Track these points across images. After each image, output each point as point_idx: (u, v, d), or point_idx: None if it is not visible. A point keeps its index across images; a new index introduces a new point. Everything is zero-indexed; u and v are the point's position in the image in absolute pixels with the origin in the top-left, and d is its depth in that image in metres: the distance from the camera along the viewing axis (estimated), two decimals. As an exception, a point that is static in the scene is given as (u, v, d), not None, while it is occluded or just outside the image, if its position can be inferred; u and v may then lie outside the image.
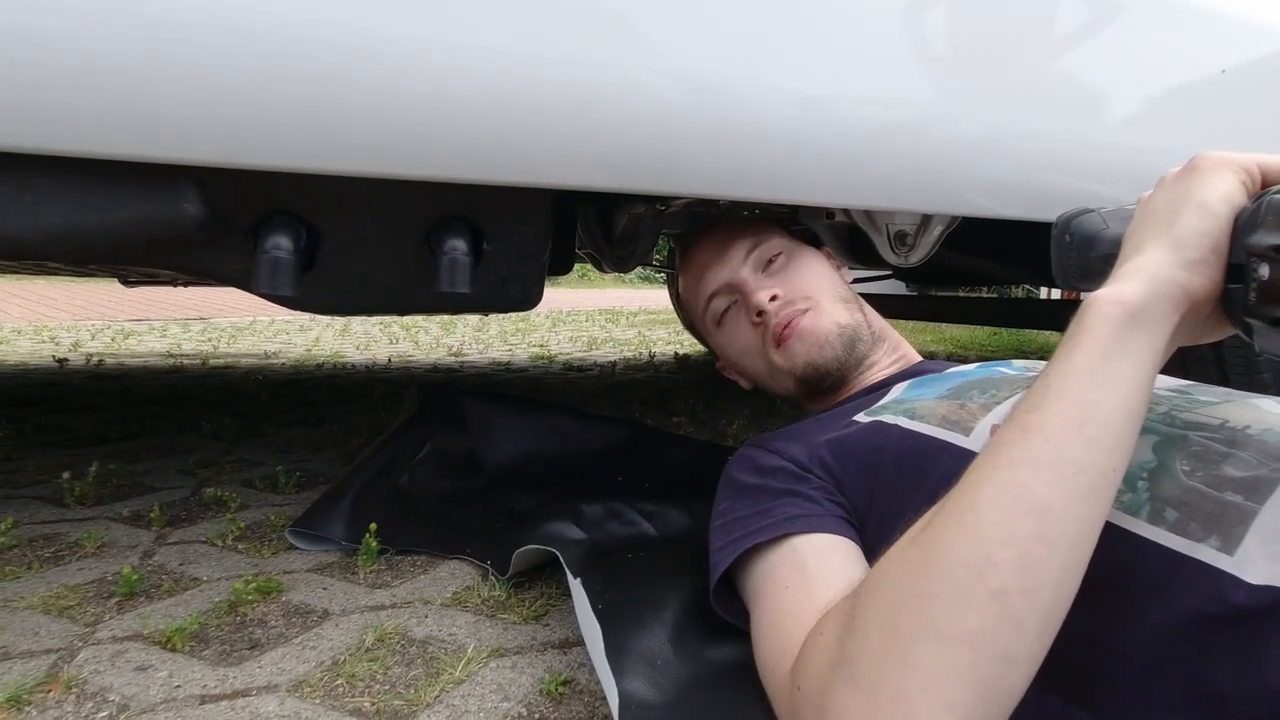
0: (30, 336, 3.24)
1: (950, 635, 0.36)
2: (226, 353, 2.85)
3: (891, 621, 0.39)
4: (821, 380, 0.78)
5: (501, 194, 0.71)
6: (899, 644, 0.38)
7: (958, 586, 0.37)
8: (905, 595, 0.39)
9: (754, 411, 1.75)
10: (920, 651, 0.37)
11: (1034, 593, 0.37)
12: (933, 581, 0.38)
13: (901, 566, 0.40)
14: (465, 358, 2.80)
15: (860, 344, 0.78)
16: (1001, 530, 0.37)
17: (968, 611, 0.36)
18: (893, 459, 0.61)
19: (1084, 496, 0.38)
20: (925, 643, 0.37)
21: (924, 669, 0.36)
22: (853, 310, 0.80)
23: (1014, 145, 0.85)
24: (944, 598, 0.37)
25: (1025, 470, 0.38)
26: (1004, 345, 3.79)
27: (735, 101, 0.68)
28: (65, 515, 0.94)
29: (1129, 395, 0.39)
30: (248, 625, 0.66)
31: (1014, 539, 0.37)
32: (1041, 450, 0.38)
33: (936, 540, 0.39)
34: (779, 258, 0.83)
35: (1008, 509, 0.38)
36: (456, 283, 0.67)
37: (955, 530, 0.39)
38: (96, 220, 0.56)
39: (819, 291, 0.80)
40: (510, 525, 0.85)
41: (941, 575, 0.38)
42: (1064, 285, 0.52)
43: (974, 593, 0.36)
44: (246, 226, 0.64)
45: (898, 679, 0.37)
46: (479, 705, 0.54)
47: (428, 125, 0.58)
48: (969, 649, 0.36)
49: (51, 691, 0.55)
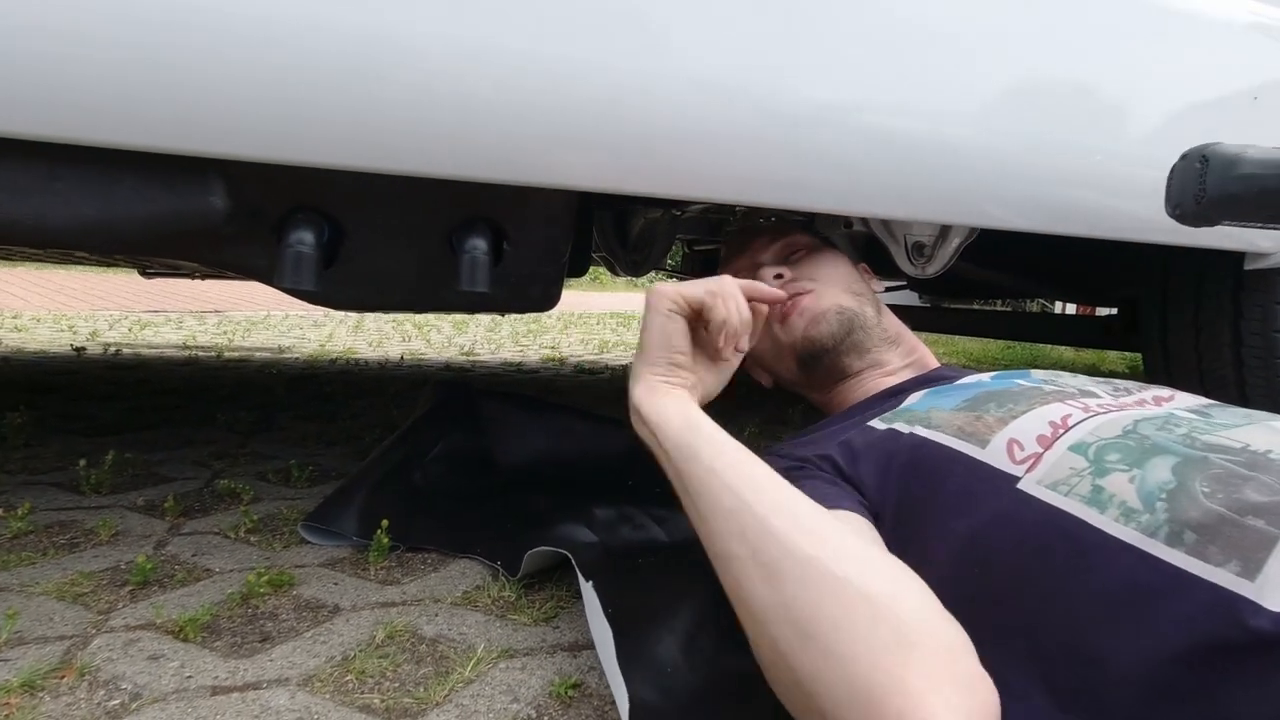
0: (50, 325, 3.28)
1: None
2: (241, 346, 2.88)
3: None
4: (818, 359, 0.78)
5: (524, 195, 0.71)
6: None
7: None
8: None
9: (765, 419, 1.75)
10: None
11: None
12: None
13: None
14: (477, 357, 2.81)
15: (859, 331, 0.78)
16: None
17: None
18: (905, 467, 0.60)
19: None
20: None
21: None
22: (861, 302, 0.81)
23: (1035, 158, 0.85)
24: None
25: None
26: (1017, 359, 3.76)
27: (755, 106, 0.69)
28: (81, 503, 0.94)
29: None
30: (259, 618, 0.66)
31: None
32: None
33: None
34: (800, 251, 0.85)
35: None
36: (476, 281, 0.67)
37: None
38: (125, 211, 0.57)
39: (826, 278, 0.82)
40: (522, 526, 0.85)
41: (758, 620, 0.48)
42: (1186, 217, 0.51)
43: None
44: (272, 221, 0.64)
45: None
46: (488, 706, 0.54)
47: (453, 125, 0.58)
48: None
49: (65, 678, 0.55)
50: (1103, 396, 0.62)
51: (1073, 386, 0.65)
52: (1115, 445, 0.52)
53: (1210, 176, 0.50)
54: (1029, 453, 0.55)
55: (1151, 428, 0.53)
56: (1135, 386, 0.66)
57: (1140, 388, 0.66)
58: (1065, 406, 0.59)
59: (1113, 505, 0.48)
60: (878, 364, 0.80)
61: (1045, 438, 0.55)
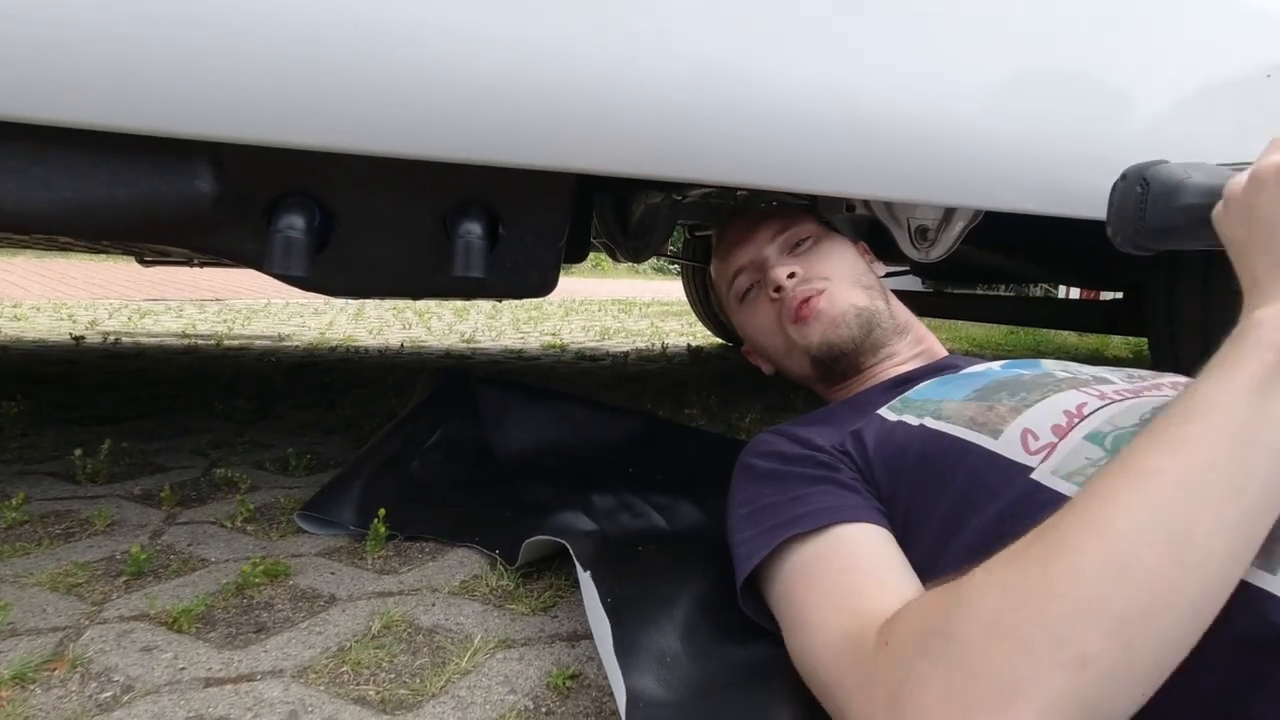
0: (49, 314, 3.27)
1: (1063, 649, 0.34)
2: (241, 334, 2.87)
3: (1008, 610, 0.36)
4: (836, 362, 0.77)
5: (519, 178, 0.70)
6: (1009, 640, 0.35)
7: (1082, 597, 0.34)
8: (1026, 591, 0.36)
9: (767, 406, 1.74)
10: (1031, 655, 0.34)
11: (1159, 619, 0.33)
12: (1060, 582, 0.35)
13: (1024, 560, 0.37)
14: (478, 344, 2.79)
15: (878, 330, 0.77)
16: (1134, 545, 0.34)
17: (1088, 629, 0.33)
18: (916, 459, 0.59)
19: (1228, 527, 0.34)
20: (1037, 649, 0.34)
21: (1030, 674, 0.34)
22: (873, 296, 0.79)
23: (1041, 139, 0.83)
24: (1067, 605, 0.34)
25: (1168, 486, 0.35)
26: (1021, 345, 3.74)
27: (756, 88, 0.67)
28: (77, 492, 0.94)
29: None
30: (254, 608, 0.65)
31: (1147, 557, 0.34)
32: (1189, 468, 0.35)
33: (1061, 543, 0.36)
34: (806, 241, 0.83)
35: (1144, 524, 0.35)
36: (471, 266, 0.66)
37: (1084, 536, 0.36)
38: (108, 195, 0.55)
39: (838, 275, 0.79)
40: (520, 515, 0.84)
41: (1068, 579, 0.35)
42: (1126, 244, 0.47)
43: (1097, 609, 0.34)
44: (261, 206, 0.63)
45: (1001, 674, 0.34)
46: (485, 697, 0.53)
47: (446, 105, 0.57)
48: (1080, 668, 0.33)
49: (57, 670, 0.54)
50: (1117, 384, 0.61)
51: (1086, 373, 0.63)
52: (1132, 434, 0.51)
53: (1151, 205, 0.46)
54: (1044, 443, 0.53)
55: None
56: (1149, 375, 0.65)
57: (1155, 375, 0.64)
58: (1080, 394, 0.57)
59: None
60: (889, 355, 0.78)
61: (1060, 427, 0.54)
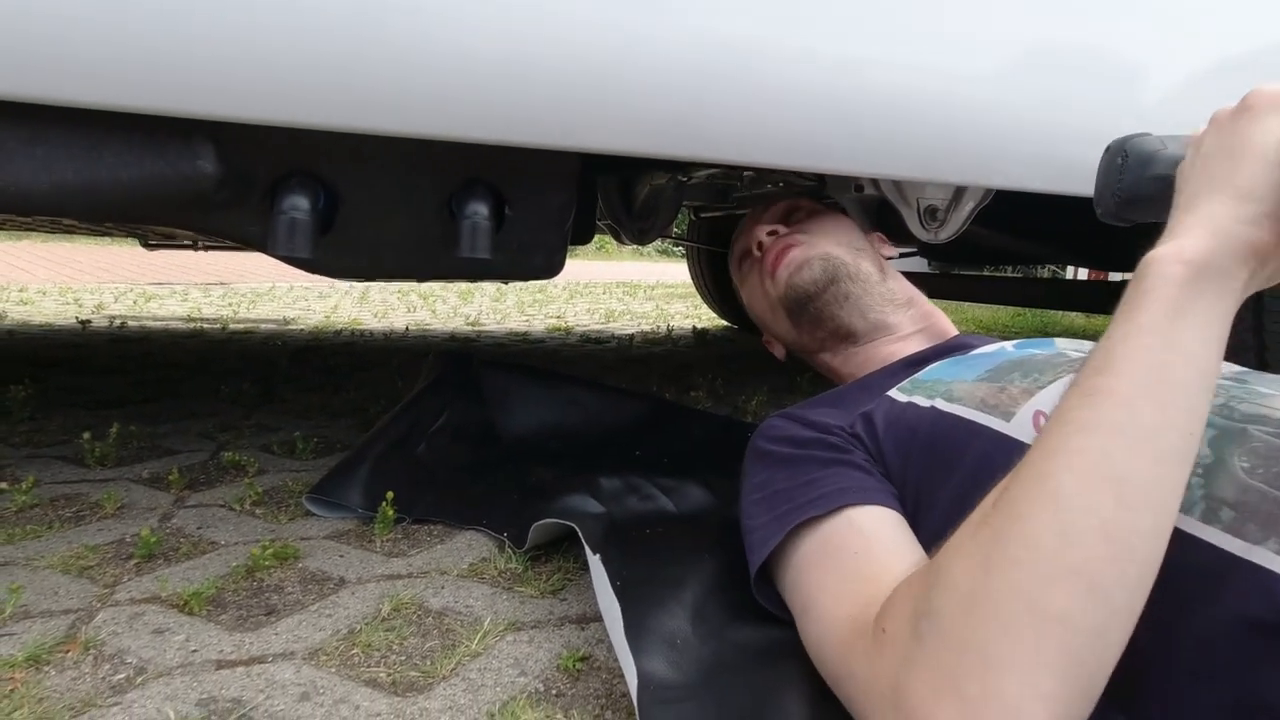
0: (55, 298, 3.28)
1: (1040, 611, 0.34)
2: (246, 318, 2.87)
3: (978, 582, 0.37)
4: (802, 307, 0.77)
5: (525, 158, 0.69)
6: (983, 611, 0.36)
7: (1041, 559, 0.35)
8: (990, 561, 0.37)
9: (773, 388, 1.73)
10: (1006, 624, 0.35)
11: (1119, 564, 0.35)
12: (1016, 549, 0.36)
13: (985, 530, 0.38)
14: (483, 327, 2.79)
15: (846, 281, 0.76)
16: (1081, 499, 0.35)
17: (1055, 588, 0.34)
18: (926, 441, 0.58)
19: (1163, 460, 0.36)
20: (1011, 616, 0.35)
21: (1009, 642, 0.35)
22: (857, 256, 0.79)
23: (1053, 115, 0.81)
24: (1029, 569, 0.35)
25: (1099, 436, 0.36)
26: (1028, 326, 3.72)
27: (763, 64, 0.65)
28: (86, 476, 0.94)
29: (1201, 356, 0.37)
30: (264, 591, 0.66)
31: (1095, 507, 0.35)
32: (1114, 415, 0.36)
33: (1013, 509, 0.37)
34: (800, 212, 0.85)
35: (1085, 476, 0.36)
36: (477, 248, 0.65)
37: (1032, 499, 0.37)
38: (109, 176, 0.55)
39: (820, 233, 0.80)
40: (528, 498, 0.84)
41: (1024, 545, 0.36)
42: (1107, 215, 0.48)
43: (1058, 567, 0.35)
44: (264, 187, 0.62)
45: (983, 646, 0.35)
46: (495, 679, 0.53)
47: (451, 82, 0.56)
48: (1059, 625, 0.34)
49: (70, 652, 0.54)
50: None
51: None
52: None
53: (1127, 174, 0.46)
54: None
55: None
56: None
57: None
58: None
59: None
60: (886, 328, 0.77)
61: None
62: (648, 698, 0.47)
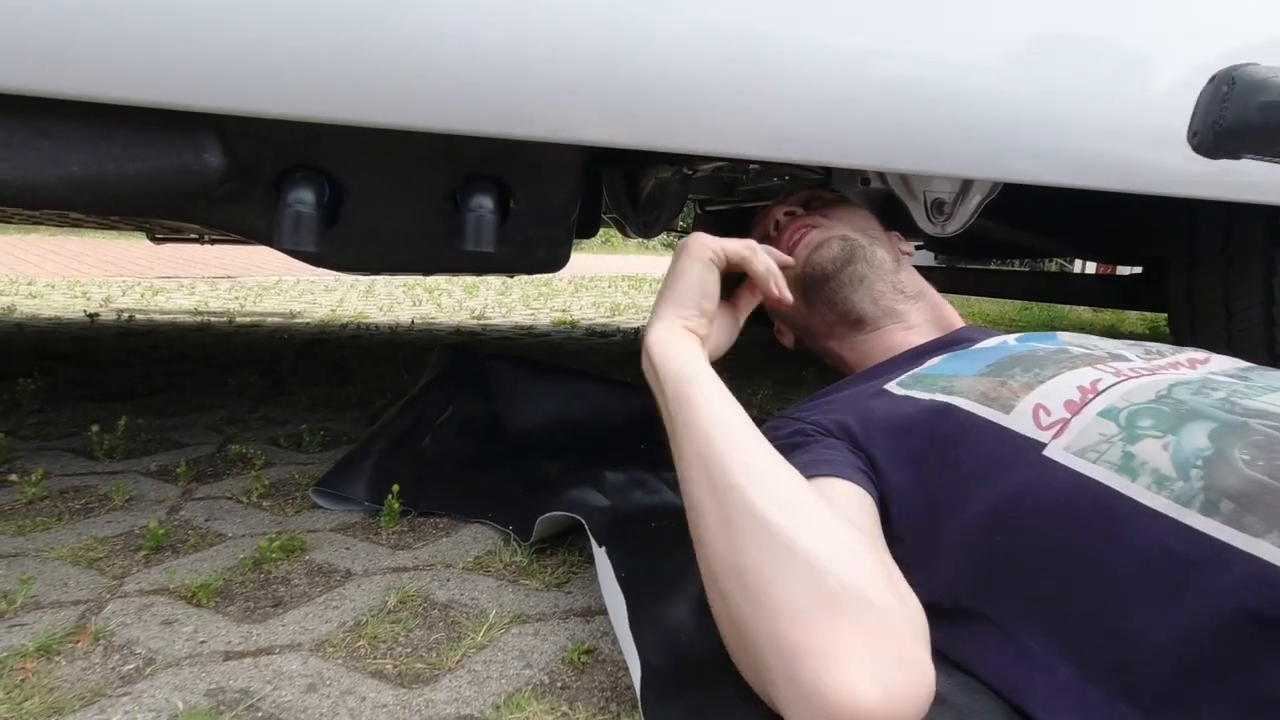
0: (63, 291, 3.30)
1: (712, 599, 0.50)
2: (252, 311, 2.88)
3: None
4: (819, 286, 0.77)
5: (530, 151, 0.69)
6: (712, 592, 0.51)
7: (703, 561, 0.51)
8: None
9: (778, 382, 1.73)
10: (719, 603, 0.49)
11: (737, 528, 0.47)
12: (699, 551, 0.52)
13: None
14: (488, 321, 2.79)
15: (863, 263, 0.77)
16: (694, 504, 0.51)
17: (715, 580, 0.49)
18: (924, 433, 0.58)
19: (703, 455, 0.51)
20: (715, 609, 0.50)
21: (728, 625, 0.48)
22: (872, 242, 0.80)
23: (1062, 107, 0.80)
24: (704, 570, 0.51)
25: (686, 457, 0.53)
26: (1034, 321, 3.70)
27: (768, 55, 0.65)
28: (95, 468, 0.95)
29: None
30: (271, 583, 0.66)
31: (701, 505, 0.50)
32: (680, 441, 0.54)
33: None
34: (821, 199, 0.85)
35: (691, 483, 0.52)
36: (482, 241, 0.65)
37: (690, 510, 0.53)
38: (116, 170, 0.55)
39: (837, 218, 0.82)
40: (533, 491, 0.84)
41: (698, 548, 0.52)
42: (1204, 147, 0.47)
43: (709, 564, 0.49)
44: (269, 180, 0.62)
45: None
46: (501, 671, 0.54)
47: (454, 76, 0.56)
48: (725, 608, 0.48)
49: (80, 642, 0.55)
50: (1134, 360, 0.60)
51: (1102, 349, 0.62)
52: (1148, 410, 0.50)
53: (1232, 102, 0.45)
54: (1056, 418, 0.53)
55: (1187, 392, 0.51)
56: (1168, 349, 0.64)
57: (1174, 350, 0.63)
58: (1095, 370, 0.56)
59: (1144, 473, 0.46)
60: (895, 316, 0.78)
61: (1074, 403, 0.53)
62: (651, 690, 0.48)
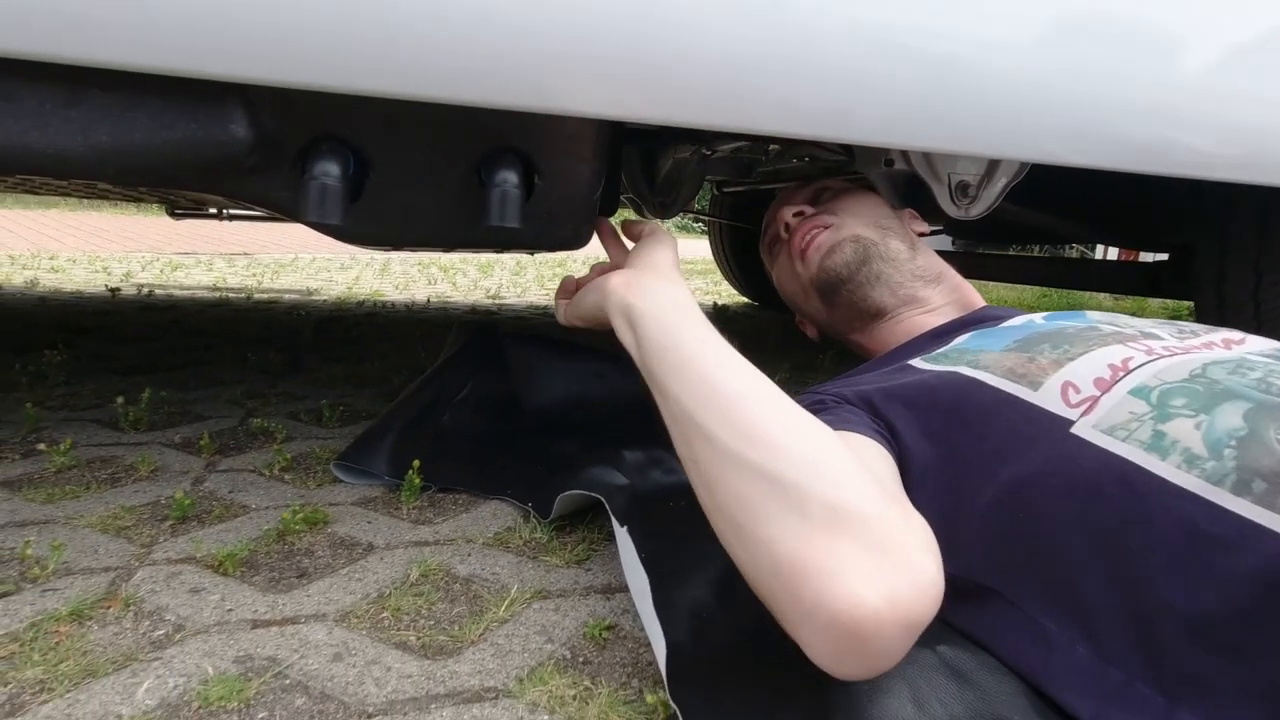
0: (84, 266, 3.33)
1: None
2: (270, 288, 2.90)
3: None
4: (835, 290, 0.76)
5: (557, 126, 0.68)
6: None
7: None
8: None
9: (795, 365, 1.72)
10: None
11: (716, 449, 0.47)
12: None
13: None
14: (503, 300, 2.79)
15: (878, 261, 0.76)
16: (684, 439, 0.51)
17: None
18: (949, 404, 0.58)
19: (691, 396, 0.50)
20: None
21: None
22: (885, 235, 0.78)
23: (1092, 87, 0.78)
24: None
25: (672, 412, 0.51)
26: (1054, 307, 3.65)
27: (792, 29, 0.64)
28: (121, 439, 0.96)
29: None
30: (295, 554, 0.67)
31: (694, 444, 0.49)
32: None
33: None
34: (828, 191, 0.84)
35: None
36: (506, 216, 0.65)
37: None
38: (143, 140, 0.55)
39: (848, 213, 0.80)
40: (552, 469, 0.84)
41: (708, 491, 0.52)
42: None
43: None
44: (295, 152, 0.62)
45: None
46: (523, 645, 0.54)
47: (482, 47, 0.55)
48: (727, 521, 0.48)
49: (111, 608, 0.56)
50: (1166, 339, 0.59)
51: (1133, 328, 0.61)
52: (1181, 389, 0.49)
53: None
54: (1085, 396, 0.52)
55: (1222, 372, 0.50)
56: (1202, 329, 0.62)
57: (1208, 330, 0.62)
58: (1126, 349, 0.55)
59: (1175, 452, 0.45)
60: (916, 301, 0.77)
61: (1104, 380, 0.52)
62: (677, 669, 0.48)
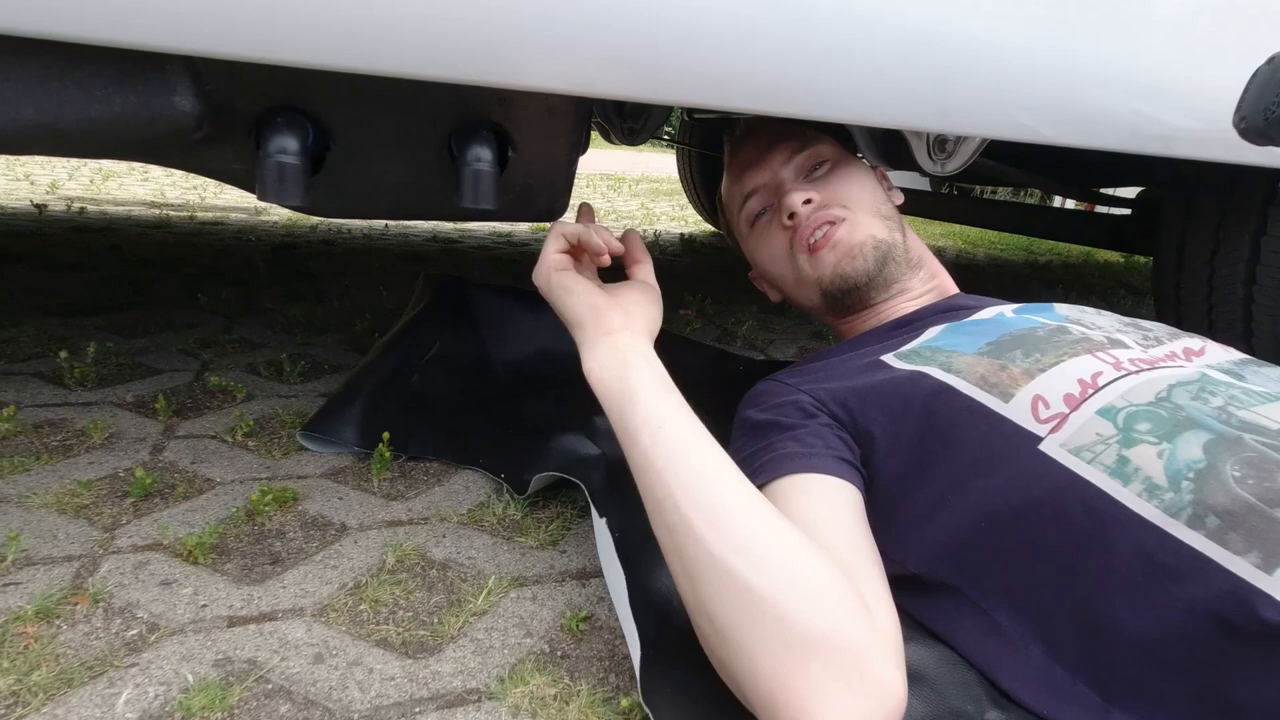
0: (4, 173, 3.07)
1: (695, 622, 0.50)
2: (214, 205, 2.73)
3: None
4: (846, 295, 0.75)
5: (532, 98, 0.63)
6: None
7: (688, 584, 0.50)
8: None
9: (763, 309, 1.73)
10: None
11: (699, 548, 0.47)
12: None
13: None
14: (465, 229, 2.70)
15: (892, 264, 0.75)
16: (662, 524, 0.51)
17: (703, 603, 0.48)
18: (922, 411, 0.59)
19: (673, 481, 0.50)
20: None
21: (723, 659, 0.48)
22: (891, 229, 0.77)
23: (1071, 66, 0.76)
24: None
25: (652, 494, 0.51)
26: (1013, 245, 3.71)
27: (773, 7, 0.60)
28: (67, 398, 0.92)
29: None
30: (266, 537, 0.66)
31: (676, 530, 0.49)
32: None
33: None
34: (823, 165, 0.80)
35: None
36: (480, 197, 0.61)
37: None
38: (74, 114, 0.49)
39: (857, 203, 0.77)
40: (523, 436, 0.84)
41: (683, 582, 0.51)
42: (1251, 132, 0.46)
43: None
44: (249, 123, 0.57)
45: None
46: (503, 640, 0.55)
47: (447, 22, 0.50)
48: (708, 631, 0.47)
49: (79, 605, 0.55)
50: (1132, 347, 0.60)
51: (1100, 332, 0.62)
52: (1146, 413, 0.51)
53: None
54: (1054, 412, 0.54)
55: (1186, 396, 0.52)
56: (1165, 333, 0.64)
57: (1171, 335, 0.64)
58: (1095, 361, 0.57)
59: (1136, 479, 0.47)
60: (903, 291, 0.77)
61: (1073, 397, 0.54)
62: (650, 673, 0.50)
